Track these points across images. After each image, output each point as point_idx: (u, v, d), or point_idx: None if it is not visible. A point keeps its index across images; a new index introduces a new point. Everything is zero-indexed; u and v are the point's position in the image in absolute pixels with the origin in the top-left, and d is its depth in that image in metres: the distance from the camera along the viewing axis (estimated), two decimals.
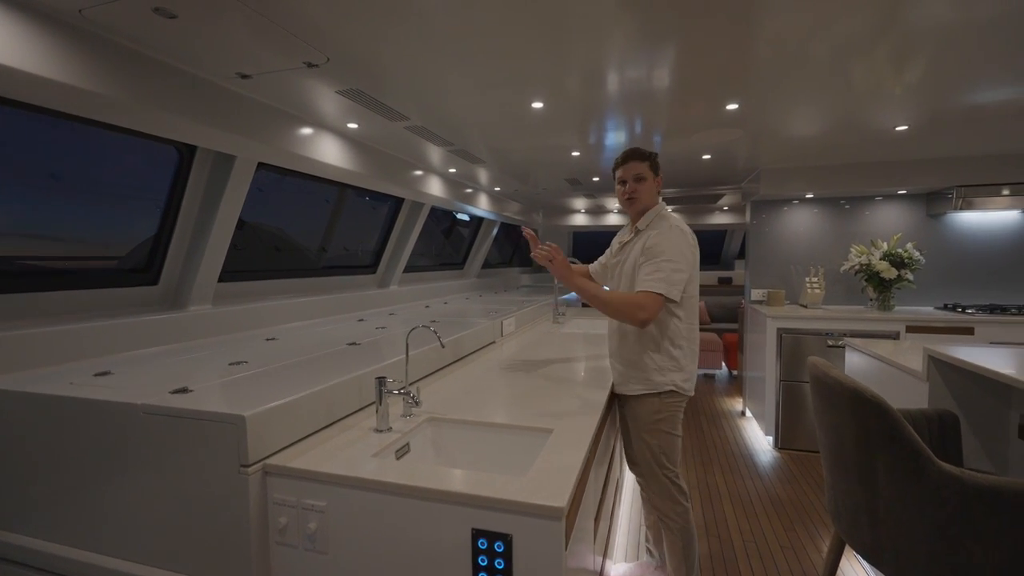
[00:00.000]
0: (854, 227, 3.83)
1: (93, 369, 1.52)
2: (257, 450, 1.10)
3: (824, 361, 1.33)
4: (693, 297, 1.68)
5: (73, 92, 1.35)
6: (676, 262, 1.57)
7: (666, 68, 1.79)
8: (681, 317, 1.67)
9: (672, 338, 1.66)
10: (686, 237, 1.64)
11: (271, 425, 1.14)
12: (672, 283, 1.55)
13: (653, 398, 1.69)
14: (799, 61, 1.71)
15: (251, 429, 1.08)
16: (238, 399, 1.20)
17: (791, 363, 3.38)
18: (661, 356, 1.67)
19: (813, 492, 2.74)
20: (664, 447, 1.69)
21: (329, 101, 2.03)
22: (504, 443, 1.36)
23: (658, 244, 1.60)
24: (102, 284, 1.84)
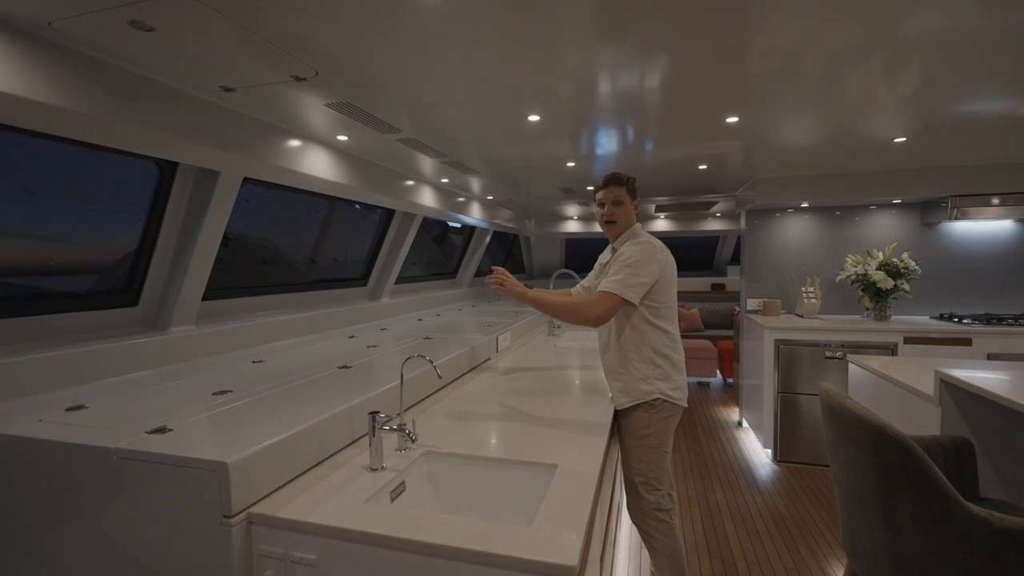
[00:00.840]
0: (849, 236, 3.82)
1: (66, 401, 1.43)
2: (241, 498, 1.02)
3: (838, 390, 1.28)
4: (671, 308, 1.72)
5: (41, 109, 1.26)
6: (636, 268, 1.63)
7: (664, 80, 1.74)
8: (662, 328, 1.71)
9: (654, 346, 1.70)
10: (655, 249, 1.68)
11: (256, 469, 1.06)
12: (629, 285, 1.61)
13: (643, 412, 1.69)
14: (796, 73, 1.67)
15: (235, 476, 1.00)
16: (221, 440, 1.12)
17: (789, 374, 3.35)
18: (644, 364, 1.70)
19: (815, 509, 2.70)
20: (651, 464, 1.68)
21: (318, 114, 1.95)
22: (506, 480, 1.29)
23: (623, 253, 1.69)
24: (78, 307, 1.75)
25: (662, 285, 1.69)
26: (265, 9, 1.19)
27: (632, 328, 1.72)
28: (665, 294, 1.71)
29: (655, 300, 1.69)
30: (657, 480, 1.70)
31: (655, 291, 1.68)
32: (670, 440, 1.73)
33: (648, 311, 1.70)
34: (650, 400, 1.69)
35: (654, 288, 1.68)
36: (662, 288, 1.69)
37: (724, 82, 1.75)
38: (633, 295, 1.62)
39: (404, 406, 1.72)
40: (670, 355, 1.72)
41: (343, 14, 1.23)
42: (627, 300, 1.61)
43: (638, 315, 1.70)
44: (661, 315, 1.70)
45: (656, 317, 1.70)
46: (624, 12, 1.26)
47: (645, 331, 1.71)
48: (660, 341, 1.71)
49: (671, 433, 1.73)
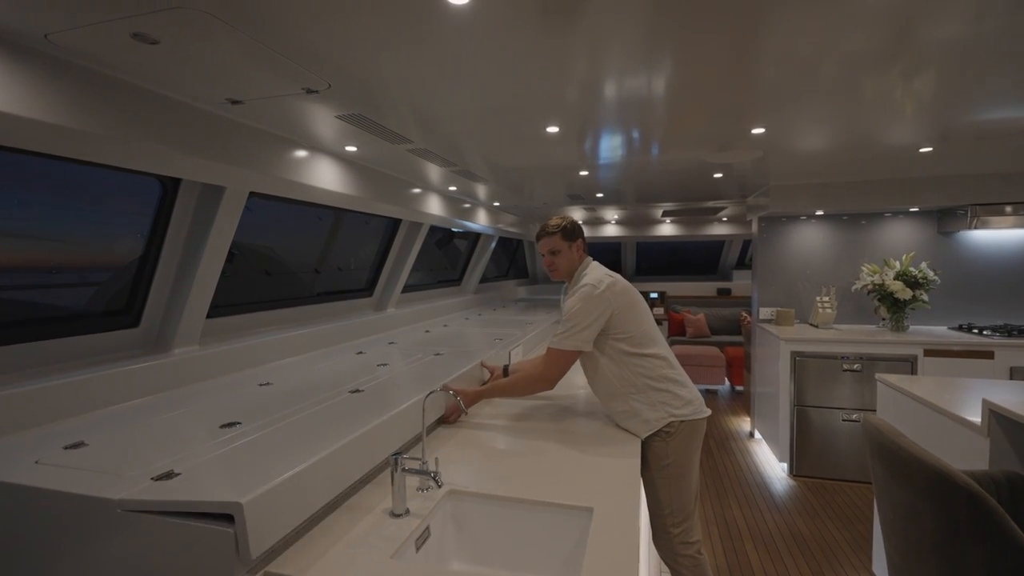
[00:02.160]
0: (863, 244, 3.75)
1: (65, 436, 1.34)
2: (259, 550, 0.94)
3: (889, 425, 1.20)
4: (648, 334, 1.67)
5: (35, 128, 1.18)
6: (577, 317, 1.63)
7: (690, 93, 1.66)
8: (647, 355, 1.65)
9: (646, 374, 1.64)
10: (594, 291, 1.63)
11: (273, 520, 0.98)
12: (574, 337, 1.63)
13: (659, 442, 1.62)
14: (820, 81, 1.60)
15: (252, 532, 0.92)
16: (235, 485, 1.03)
17: (805, 386, 3.28)
18: (642, 393, 1.64)
19: (837, 528, 2.63)
20: (675, 495, 1.61)
21: (327, 125, 1.87)
22: (537, 523, 1.21)
23: (564, 306, 1.71)
24: (76, 331, 1.66)
25: (622, 317, 1.65)
26: (277, 20, 1.11)
27: (615, 363, 1.67)
28: (634, 322, 1.66)
29: (624, 331, 1.65)
30: (682, 511, 1.62)
31: (617, 325, 1.65)
32: (694, 465, 1.65)
33: (624, 343, 1.66)
34: (663, 427, 1.61)
35: (614, 323, 1.64)
36: (623, 319, 1.65)
37: (751, 92, 1.68)
38: (583, 344, 1.63)
39: (414, 432, 1.64)
40: (668, 374, 1.66)
41: (359, 25, 1.15)
42: (578, 350, 1.65)
43: (614, 351, 1.66)
44: (640, 343, 1.65)
45: (636, 346, 1.65)
46: (650, 27, 1.19)
47: (629, 363, 1.65)
48: (651, 367, 1.65)
49: (695, 455, 1.65)
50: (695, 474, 1.65)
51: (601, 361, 1.68)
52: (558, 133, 2.04)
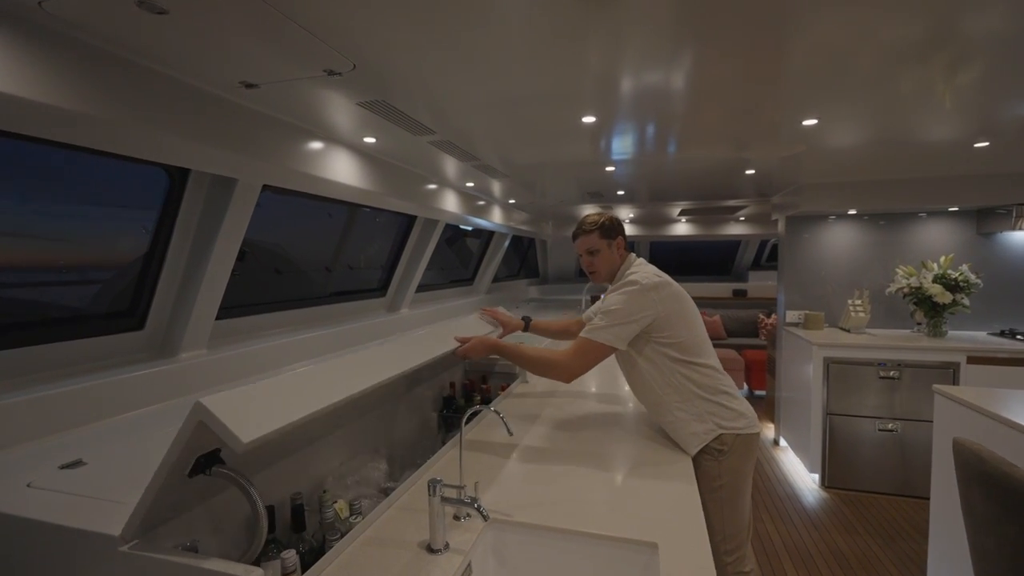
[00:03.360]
0: (896, 245, 3.59)
1: (61, 452, 1.20)
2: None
3: (993, 452, 1.06)
4: (698, 343, 1.53)
5: (30, 109, 1.04)
6: (617, 315, 1.49)
7: (739, 80, 1.52)
8: (695, 363, 1.51)
9: (695, 382, 1.50)
10: (643, 291, 1.49)
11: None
12: (611, 332, 1.48)
13: (710, 460, 1.48)
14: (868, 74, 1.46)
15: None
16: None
17: (839, 394, 3.13)
18: (690, 403, 1.50)
19: (879, 545, 2.48)
20: (728, 519, 1.46)
21: (347, 113, 1.73)
22: (592, 559, 1.07)
23: (605, 300, 1.57)
24: (78, 335, 1.53)
25: (671, 321, 1.50)
26: None
27: (658, 369, 1.53)
28: (684, 328, 1.51)
29: (672, 336, 1.51)
30: (735, 537, 1.48)
31: (664, 329, 1.50)
32: (748, 485, 1.51)
33: (671, 349, 1.51)
34: (712, 442, 1.47)
35: (661, 326, 1.50)
36: (672, 324, 1.50)
37: (803, 82, 1.53)
38: (618, 341, 1.48)
39: (443, 451, 1.51)
40: (718, 386, 1.52)
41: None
42: (611, 346, 1.48)
43: (658, 355, 1.52)
44: (690, 351, 1.51)
45: (683, 353, 1.51)
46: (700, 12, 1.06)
47: (676, 369, 1.51)
48: (698, 375, 1.50)
49: (749, 475, 1.51)
50: (748, 496, 1.51)
51: (642, 365, 1.54)
52: (594, 123, 1.90)
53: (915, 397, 2.99)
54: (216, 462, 0.89)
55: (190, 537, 0.97)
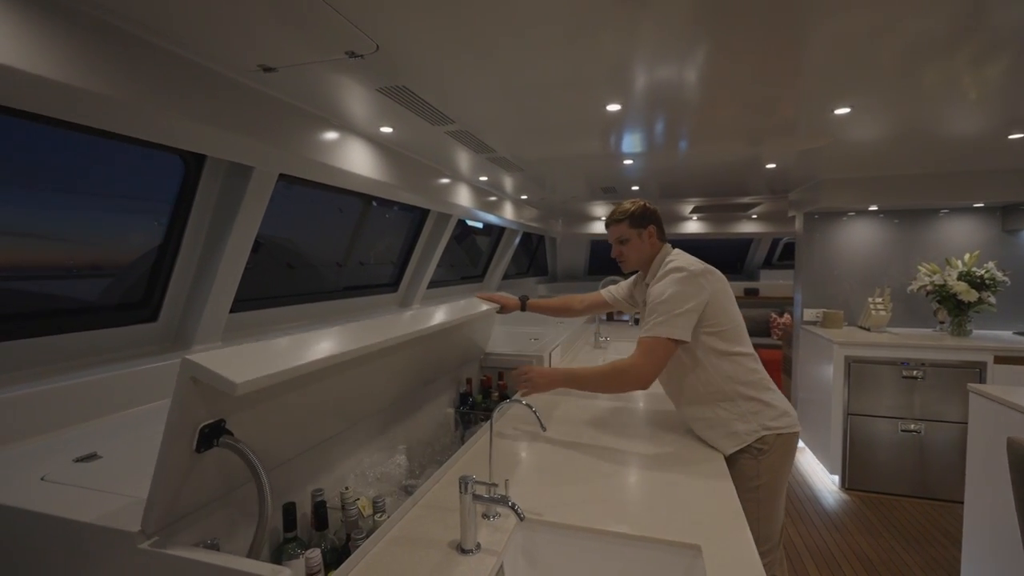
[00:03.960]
0: (917, 242, 3.51)
1: (75, 445, 1.16)
2: None
3: None
4: (738, 329, 1.47)
5: (43, 86, 1.00)
6: (673, 302, 1.41)
7: (773, 66, 1.46)
8: (737, 353, 1.44)
9: (736, 378, 1.43)
10: (690, 275, 1.43)
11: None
12: (673, 325, 1.39)
13: (749, 459, 1.42)
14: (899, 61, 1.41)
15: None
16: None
17: (860, 394, 3.05)
18: (732, 403, 1.43)
19: (905, 549, 2.41)
20: (764, 519, 1.40)
21: (366, 101, 1.68)
22: (628, 562, 1.02)
23: (652, 292, 1.48)
24: (90, 326, 1.49)
25: (716, 306, 1.43)
26: None
27: (700, 362, 1.45)
28: (726, 313, 1.45)
29: (715, 324, 1.44)
30: (769, 539, 1.42)
31: (710, 315, 1.43)
32: (784, 486, 1.46)
33: (713, 339, 1.44)
34: (754, 442, 1.41)
35: (708, 313, 1.43)
36: (717, 309, 1.43)
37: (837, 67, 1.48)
38: (682, 332, 1.39)
39: (467, 447, 1.46)
40: (759, 379, 1.45)
41: None
42: (677, 340, 1.39)
43: (701, 347, 1.45)
44: (729, 338, 1.44)
45: (726, 342, 1.44)
46: None
47: (718, 365, 1.44)
48: (741, 369, 1.43)
49: (787, 475, 1.45)
50: (784, 497, 1.46)
51: (681, 358, 1.47)
52: (618, 112, 1.84)
53: (939, 397, 2.92)
54: (222, 433, 0.85)
55: (210, 536, 0.93)
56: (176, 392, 0.77)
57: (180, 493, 0.85)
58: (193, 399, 0.79)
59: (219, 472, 0.93)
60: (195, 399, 0.79)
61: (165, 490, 0.81)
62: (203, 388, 0.79)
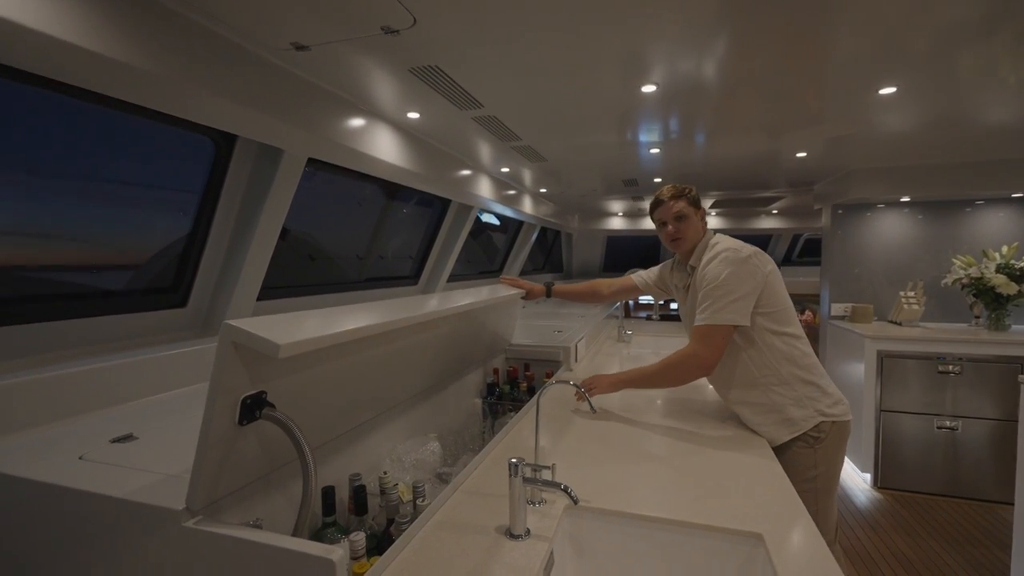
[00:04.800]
0: (950, 234, 3.41)
1: (110, 428, 1.14)
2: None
3: None
4: (790, 311, 1.43)
5: (78, 55, 0.98)
6: (728, 285, 1.36)
7: (818, 43, 1.40)
8: (792, 335, 1.40)
9: (793, 360, 1.38)
10: (743, 257, 1.38)
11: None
12: (730, 310, 1.35)
13: (804, 448, 1.36)
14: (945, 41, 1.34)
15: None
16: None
17: (893, 390, 2.96)
18: (788, 386, 1.37)
19: (946, 551, 2.33)
20: (820, 513, 1.33)
21: (396, 83, 1.65)
22: (683, 551, 0.97)
23: (705, 277, 1.43)
24: (120, 309, 1.47)
25: (768, 288, 1.39)
26: None
27: (754, 345, 1.40)
28: (778, 295, 1.40)
29: (768, 306, 1.39)
30: (827, 534, 1.36)
31: (763, 297, 1.38)
32: (839, 476, 1.40)
33: (766, 320, 1.39)
34: (810, 429, 1.35)
35: (761, 295, 1.38)
36: (769, 291, 1.39)
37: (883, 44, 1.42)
38: (741, 317, 1.35)
39: (505, 431, 1.42)
40: (812, 364, 1.40)
41: None
42: (737, 325, 1.36)
43: (758, 331, 1.40)
44: (781, 320, 1.39)
45: (779, 324, 1.39)
46: None
47: (774, 344, 1.38)
48: (796, 352, 1.39)
49: (841, 465, 1.40)
50: (837, 492, 1.40)
51: (737, 341, 1.42)
52: (654, 93, 1.79)
53: (977, 393, 2.82)
54: (264, 405, 0.82)
55: (253, 516, 0.90)
56: (217, 359, 0.75)
57: (223, 470, 0.83)
58: (235, 366, 0.76)
59: (260, 449, 0.90)
60: (236, 366, 0.76)
61: (209, 464, 0.78)
62: (244, 354, 0.76)
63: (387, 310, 1.10)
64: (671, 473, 1.18)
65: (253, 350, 0.73)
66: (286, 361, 0.86)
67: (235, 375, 0.77)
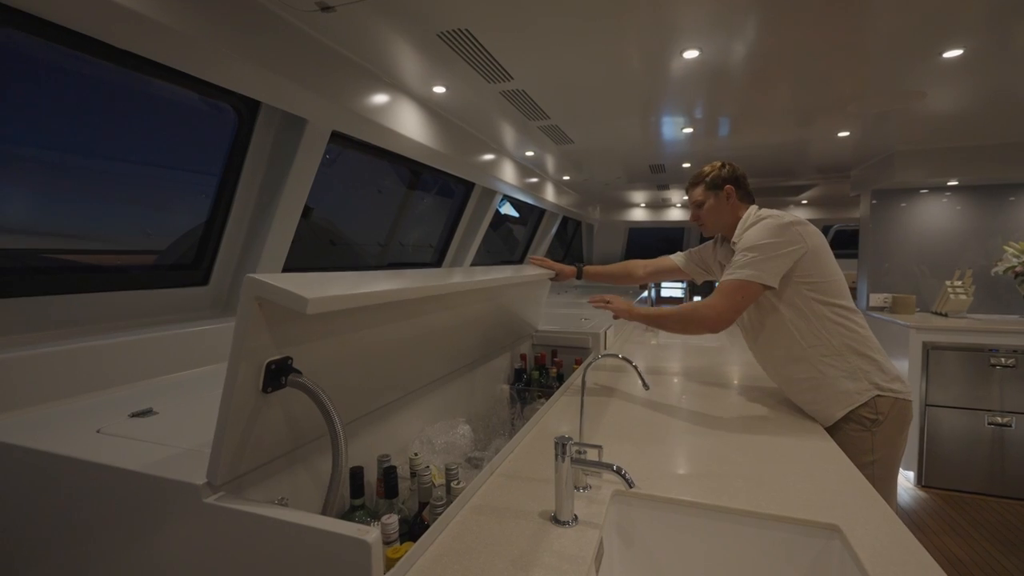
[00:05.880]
0: (1002, 220, 3.21)
1: (129, 403, 1.09)
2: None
3: None
4: (841, 284, 1.32)
5: (115, 11, 0.92)
6: (760, 248, 1.28)
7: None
8: (844, 306, 1.30)
9: (846, 330, 1.27)
10: (784, 224, 1.29)
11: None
12: (760, 268, 1.26)
13: (860, 431, 1.25)
14: None
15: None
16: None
17: (940, 384, 2.80)
18: (841, 358, 1.27)
19: (1003, 554, 2.18)
20: None
21: (423, 49, 1.57)
22: (751, 545, 0.88)
23: (742, 241, 1.35)
24: (139, 285, 1.43)
25: (815, 258, 1.28)
26: None
27: (800, 315, 1.30)
28: (827, 267, 1.30)
29: (816, 276, 1.29)
30: None
31: (809, 267, 1.28)
32: (900, 462, 1.29)
33: (814, 291, 1.29)
34: (866, 404, 1.24)
35: (806, 264, 1.28)
36: (816, 261, 1.29)
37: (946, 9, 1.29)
38: (769, 276, 1.26)
39: (543, 415, 1.33)
40: (867, 336, 1.30)
41: None
42: (765, 284, 1.27)
43: (801, 298, 1.30)
44: (832, 292, 1.30)
45: (830, 296, 1.29)
46: None
47: (823, 314, 1.29)
48: (848, 323, 1.28)
49: (902, 450, 1.29)
50: (898, 478, 1.29)
51: (783, 311, 1.32)
52: (696, 60, 1.68)
53: None
54: (290, 372, 0.75)
55: (279, 494, 0.84)
56: (239, 318, 0.68)
57: (246, 443, 0.76)
58: (258, 325, 0.69)
59: (285, 422, 0.83)
60: (260, 326, 0.69)
61: (231, 436, 0.72)
62: (270, 312, 0.69)
63: (417, 279, 1.03)
64: (724, 458, 1.09)
65: (280, 306, 0.66)
66: (314, 324, 0.79)
67: (259, 336, 0.70)
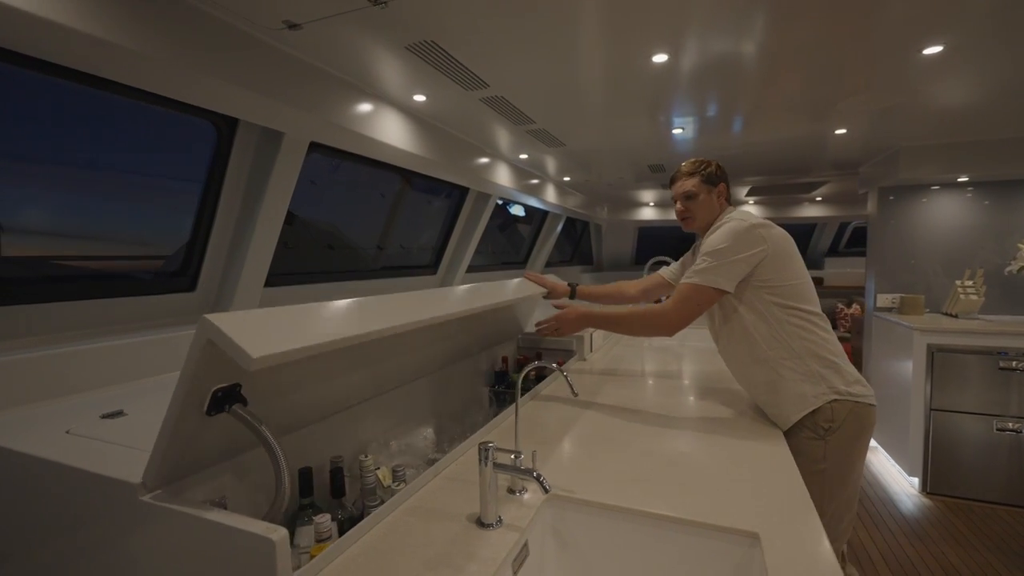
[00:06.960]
0: (1015, 218, 3.08)
1: (106, 405, 1.17)
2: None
3: None
4: (804, 287, 1.31)
5: (68, 35, 0.99)
6: (720, 253, 1.29)
7: None
8: (805, 310, 1.28)
9: (804, 336, 1.27)
10: (747, 226, 1.29)
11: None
12: (717, 273, 1.28)
13: (813, 440, 1.24)
14: None
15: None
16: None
17: (946, 388, 2.71)
18: (799, 360, 1.26)
19: (1005, 566, 2.10)
20: (825, 504, 1.21)
21: (395, 62, 1.62)
22: (675, 549, 0.89)
23: (705, 242, 1.38)
24: (130, 292, 1.51)
25: (777, 263, 1.28)
26: None
27: (761, 318, 1.30)
28: (788, 270, 1.29)
29: (776, 280, 1.29)
30: (836, 534, 1.24)
31: (769, 271, 1.28)
32: (855, 472, 1.28)
33: (778, 296, 1.29)
34: (821, 410, 1.24)
35: (768, 268, 1.28)
36: (778, 266, 1.28)
37: None
38: (725, 282, 1.28)
39: (498, 420, 1.36)
40: (829, 340, 1.29)
41: None
42: (719, 288, 1.29)
43: (761, 303, 1.30)
44: (793, 296, 1.29)
45: (792, 300, 1.28)
46: None
47: (784, 319, 1.28)
48: (809, 326, 1.28)
49: (858, 459, 1.28)
50: (855, 486, 1.27)
51: (743, 314, 1.33)
52: (665, 64, 1.68)
53: None
54: (236, 400, 0.79)
55: (220, 494, 0.89)
56: (191, 350, 0.71)
57: (187, 450, 0.81)
58: (208, 361, 0.72)
59: (229, 435, 0.88)
60: (210, 362, 0.72)
61: (171, 446, 0.77)
62: (220, 351, 0.73)
63: (389, 308, 1.03)
64: (672, 462, 1.10)
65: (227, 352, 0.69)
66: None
67: (208, 369, 0.74)
